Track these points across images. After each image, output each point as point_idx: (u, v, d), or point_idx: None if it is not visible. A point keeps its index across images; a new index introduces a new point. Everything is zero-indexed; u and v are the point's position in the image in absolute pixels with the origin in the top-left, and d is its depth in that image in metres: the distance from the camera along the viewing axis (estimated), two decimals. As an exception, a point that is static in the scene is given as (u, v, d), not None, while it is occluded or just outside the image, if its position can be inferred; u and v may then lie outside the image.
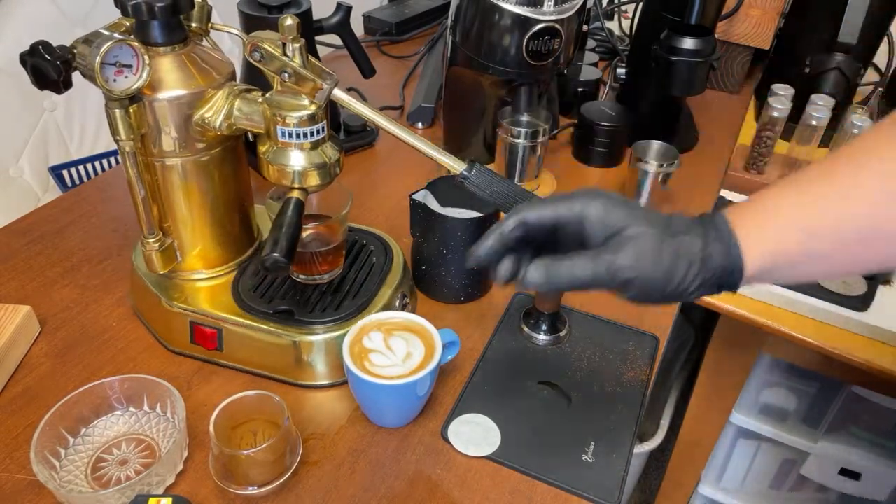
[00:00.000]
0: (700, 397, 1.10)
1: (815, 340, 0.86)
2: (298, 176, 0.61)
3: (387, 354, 0.63)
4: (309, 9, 0.95)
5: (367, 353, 0.63)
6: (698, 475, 1.22)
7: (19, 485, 0.59)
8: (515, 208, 0.49)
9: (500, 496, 0.61)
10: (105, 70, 0.54)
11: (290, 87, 0.58)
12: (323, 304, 0.69)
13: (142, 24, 0.59)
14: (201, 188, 0.66)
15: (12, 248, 0.85)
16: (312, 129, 0.59)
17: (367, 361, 0.62)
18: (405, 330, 0.65)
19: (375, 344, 0.63)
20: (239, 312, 0.68)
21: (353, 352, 0.62)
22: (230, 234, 0.72)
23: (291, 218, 0.59)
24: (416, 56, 1.40)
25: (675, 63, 1.01)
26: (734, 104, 1.35)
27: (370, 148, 1.10)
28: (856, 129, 1.00)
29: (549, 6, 0.80)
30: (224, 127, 0.62)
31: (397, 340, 0.64)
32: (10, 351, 0.68)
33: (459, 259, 0.77)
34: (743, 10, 1.27)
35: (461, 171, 0.60)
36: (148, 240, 0.65)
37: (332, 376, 0.69)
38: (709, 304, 0.92)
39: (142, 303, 0.75)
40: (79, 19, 1.36)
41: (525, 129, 0.86)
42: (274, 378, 0.69)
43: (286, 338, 0.67)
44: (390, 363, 0.62)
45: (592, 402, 0.70)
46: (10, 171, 1.29)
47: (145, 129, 0.61)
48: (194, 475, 0.60)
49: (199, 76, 0.61)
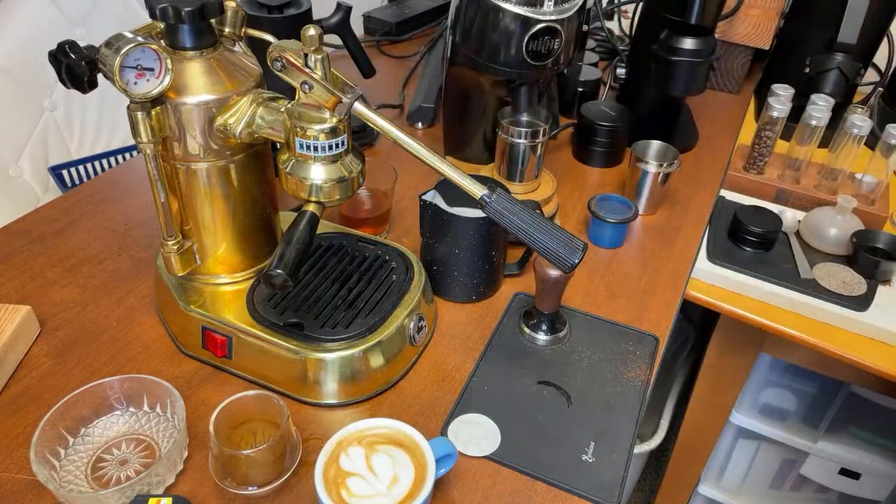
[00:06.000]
0: (700, 397, 1.10)
1: (815, 340, 0.86)
2: (316, 189, 0.59)
3: (368, 479, 0.53)
4: (309, 9, 0.95)
5: (345, 477, 0.53)
6: (698, 475, 1.22)
7: (19, 485, 0.59)
8: None
9: (500, 496, 0.61)
10: (125, 73, 0.53)
11: (312, 99, 0.57)
12: (334, 320, 0.67)
13: (170, 27, 0.59)
14: (223, 193, 0.65)
15: (12, 248, 0.85)
16: (332, 143, 0.58)
17: (345, 489, 0.52)
18: (390, 443, 0.56)
19: (355, 465, 0.54)
20: (250, 322, 0.67)
21: (328, 476, 0.53)
22: (251, 240, 0.71)
23: (302, 233, 0.58)
24: (416, 56, 1.40)
25: (675, 63, 1.01)
26: (734, 104, 1.35)
27: (371, 147, 1.10)
28: (856, 129, 1.00)
29: (549, 6, 0.80)
30: (244, 135, 0.61)
31: (381, 458, 0.54)
32: (9, 351, 0.68)
33: (471, 258, 0.77)
34: (743, 10, 1.27)
35: (481, 196, 0.59)
36: (167, 242, 0.65)
37: (337, 396, 0.67)
38: (709, 304, 0.92)
39: (162, 302, 0.75)
40: (79, 19, 1.36)
41: (525, 129, 0.86)
42: (279, 392, 0.68)
43: (293, 353, 0.65)
44: (373, 492, 0.52)
45: (592, 402, 0.70)
46: (10, 171, 1.29)
47: (167, 133, 0.60)
48: (194, 475, 0.60)
49: (227, 81, 0.60)
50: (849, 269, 0.92)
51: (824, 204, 1.03)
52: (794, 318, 0.89)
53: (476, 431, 0.65)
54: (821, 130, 1.03)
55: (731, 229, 0.98)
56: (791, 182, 1.07)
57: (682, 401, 1.31)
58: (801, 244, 0.97)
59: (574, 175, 1.09)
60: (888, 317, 0.86)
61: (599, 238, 0.93)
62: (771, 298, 0.90)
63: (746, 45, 1.31)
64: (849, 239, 0.93)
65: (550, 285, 0.72)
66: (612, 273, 0.88)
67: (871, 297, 0.88)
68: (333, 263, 0.75)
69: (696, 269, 0.93)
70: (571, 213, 0.99)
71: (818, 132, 1.03)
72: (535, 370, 0.73)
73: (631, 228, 0.97)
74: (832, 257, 0.95)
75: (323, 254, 0.76)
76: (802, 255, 0.95)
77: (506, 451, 0.64)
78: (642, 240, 0.95)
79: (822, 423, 1.07)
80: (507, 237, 0.80)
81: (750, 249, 0.96)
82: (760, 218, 0.96)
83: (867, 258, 0.91)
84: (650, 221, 0.99)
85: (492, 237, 0.77)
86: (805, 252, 0.95)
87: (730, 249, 0.96)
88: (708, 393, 1.09)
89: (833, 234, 0.95)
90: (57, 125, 1.37)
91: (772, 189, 1.08)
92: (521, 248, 0.86)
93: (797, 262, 0.93)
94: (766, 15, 1.27)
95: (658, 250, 0.93)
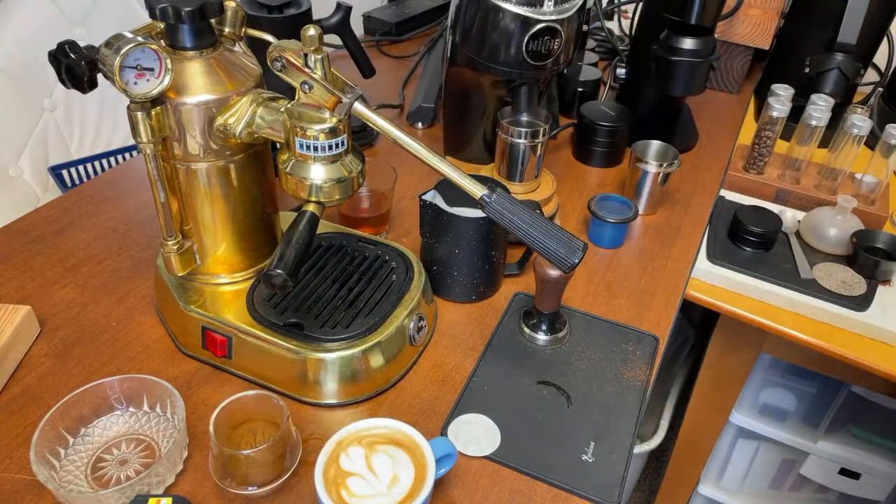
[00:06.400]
0: (700, 397, 1.10)
1: (815, 340, 0.86)
2: (316, 189, 0.59)
3: (368, 479, 0.53)
4: (309, 9, 0.95)
5: (345, 477, 0.53)
6: (698, 475, 1.22)
7: (19, 485, 0.59)
8: None
9: (500, 496, 0.61)
10: (125, 73, 0.53)
11: (312, 98, 0.57)
12: (334, 320, 0.67)
13: (170, 27, 0.59)
14: (223, 193, 0.65)
15: (12, 248, 0.85)
16: (332, 143, 0.58)
17: (345, 489, 0.52)
18: (390, 443, 0.56)
19: (355, 465, 0.54)
20: (250, 322, 0.67)
21: (328, 476, 0.53)
22: (251, 240, 0.71)
23: (302, 233, 0.58)
24: (415, 56, 1.40)
25: (675, 63, 1.01)
26: (734, 104, 1.35)
27: (370, 147, 1.10)
28: (856, 129, 1.00)
29: (549, 6, 0.80)
30: (244, 135, 0.61)
31: (381, 458, 0.55)
32: (9, 351, 0.68)
33: (471, 258, 0.77)
34: (743, 10, 1.27)
35: (481, 196, 0.59)
36: (167, 242, 0.65)
37: (337, 396, 0.67)
38: (709, 304, 0.92)
39: (162, 302, 0.75)
40: (79, 19, 1.36)
41: (525, 129, 0.86)
42: (279, 392, 0.68)
43: (293, 353, 0.65)
44: (373, 491, 0.52)
45: (592, 402, 0.70)
46: (10, 170, 1.29)
47: (167, 133, 0.60)
48: (194, 475, 0.60)
49: (227, 81, 0.60)
50: (849, 269, 0.92)
51: (824, 204, 1.03)
52: (794, 318, 0.89)
53: (476, 431, 0.65)
54: (821, 130, 1.03)
55: (731, 229, 0.98)
56: (791, 182, 1.07)
57: (682, 401, 1.31)
58: (800, 244, 0.97)
59: (574, 175, 1.09)
60: (888, 317, 0.86)
61: (599, 238, 0.93)
62: (771, 298, 0.90)
63: (746, 45, 1.31)
64: (849, 239, 0.93)
65: (550, 285, 0.72)
66: (612, 273, 0.88)
67: (870, 297, 0.88)
68: (333, 263, 0.75)
69: (696, 268, 0.93)
70: (571, 213, 0.99)
71: (818, 132, 1.03)
72: (535, 370, 0.73)
73: (631, 228, 0.97)
74: (832, 257, 0.95)
75: (323, 254, 0.76)
76: (802, 255, 0.95)
77: (506, 451, 0.64)
78: (642, 240, 0.95)
79: (821, 423, 1.07)
80: (507, 237, 0.80)
81: (750, 249, 0.96)
82: (760, 218, 0.96)
83: (867, 258, 0.91)
84: (650, 221, 0.99)
85: (492, 237, 0.77)
86: (805, 252, 0.95)
87: (730, 249, 0.96)
88: (708, 393, 1.09)
89: (833, 234, 0.95)
90: (57, 125, 1.37)
91: (772, 189, 1.08)
92: (521, 248, 0.86)
93: (797, 262, 0.93)
94: (766, 15, 1.27)
95: (658, 250, 0.93)
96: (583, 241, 0.61)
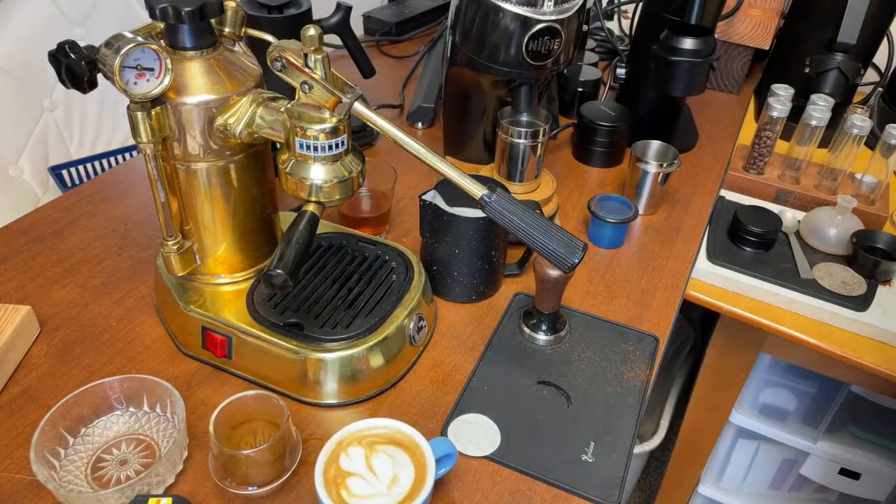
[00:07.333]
0: (700, 397, 1.10)
1: (815, 340, 0.86)
2: (316, 189, 0.59)
3: (368, 479, 0.53)
4: (309, 9, 0.95)
5: (345, 477, 0.53)
6: (698, 475, 1.22)
7: (19, 485, 0.59)
8: None
9: (500, 496, 0.61)
10: (124, 73, 0.53)
11: (312, 98, 0.57)
12: (334, 320, 0.67)
13: (169, 27, 0.59)
14: (223, 193, 0.65)
15: (12, 248, 0.85)
16: (332, 143, 0.58)
17: (345, 489, 0.52)
18: (390, 443, 0.56)
19: (355, 465, 0.54)
20: (249, 322, 0.67)
21: (328, 476, 0.53)
22: (251, 240, 0.71)
23: (302, 233, 0.58)
24: (415, 56, 1.40)
25: (675, 63, 1.01)
26: (734, 104, 1.35)
27: (370, 147, 1.10)
28: (856, 129, 1.00)
29: (549, 6, 0.80)
30: (244, 135, 0.61)
31: (381, 458, 0.55)
32: (9, 351, 0.68)
33: (471, 258, 0.77)
34: (743, 10, 1.27)
35: (481, 196, 0.59)
36: (167, 242, 0.65)
37: (337, 396, 0.67)
38: (709, 304, 0.92)
39: (162, 302, 0.75)
40: (79, 19, 1.36)
41: (525, 129, 0.86)
42: (279, 392, 0.68)
43: (293, 353, 0.65)
44: (373, 491, 0.52)
45: (592, 402, 0.70)
46: (10, 170, 1.29)
47: (167, 133, 0.60)
48: (194, 475, 0.60)
49: (227, 81, 0.60)
50: (849, 269, 0.92)
51: (824, 204, 1.03)
52: (794, 318, 0.89)
53: (476, 431, 0.65)
54: (821, 130, 1.03)
55: (731, 229, 0.98)
56: (791, 182, 1.08)
57: (682, 401, 1.32)
58: (800, 244, 0.97)
59: (574, 175, 1.09)
60: (888, 317, 0.86)
61: (599, 238, 0.93)
62: (771, 298, 0.90)
63: (746, 45, 1.31)
64: (849, 239, 0.93)
65: (550, 285, 0.72)
66: (612, 273, 0.88)
67: (870, 297, 0.88)
68: (333, 263, 0.75)
69: (696, 268, 0.93)
70: (571, 213, 0.99)
71: (818, 132, 1.03)
72: (535, 370, 0.73)
73: (631, 228, 0.97)
74: (832, 257, 0.95)
75: (323, 254, 0.76)
76: (802, 255, 0.95)
77: (506, 451, 0.64)
78: (642, 240, 0.95)
79: (821, 423, 1.07)
80: (507, 237, 0.80)
81: (750, 249, 0.96)
82: (760, 218, 0.96)
83: (867, 258, 0.91)
84: (650, 221, 0.99)
85: (492, 237, 0.77)
86: (805, 252, 0.95)
87: (730, 249, 0.96)
88: (708, 393, 1.09)
89: (833, 234, 0.95)
90: (57, 125, 1.37)
91: (772, 189, 1.08)
92: (521, 248, 0.86)
93: (797, 262, 0.93)
94: (766, 15, 1.27)
95: (658, 250, 0.93)
96: (583, 241, 0.61)
